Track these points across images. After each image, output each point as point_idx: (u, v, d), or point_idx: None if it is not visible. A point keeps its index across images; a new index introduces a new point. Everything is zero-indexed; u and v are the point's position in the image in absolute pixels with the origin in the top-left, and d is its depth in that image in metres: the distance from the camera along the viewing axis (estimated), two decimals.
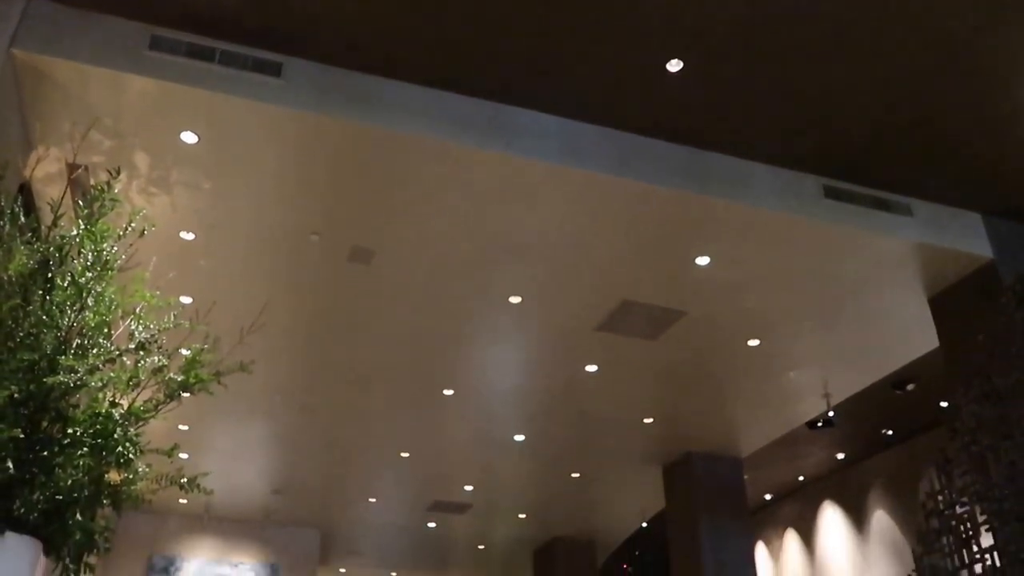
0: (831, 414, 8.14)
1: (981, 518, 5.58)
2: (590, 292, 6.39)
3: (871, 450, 11.19)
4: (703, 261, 5.92)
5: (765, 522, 13.04)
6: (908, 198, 5.83)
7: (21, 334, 2.98)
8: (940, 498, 6.02)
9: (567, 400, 8.22)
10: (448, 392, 7.98)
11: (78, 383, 2.93)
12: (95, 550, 3.08)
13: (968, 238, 5.95)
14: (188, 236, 5.66)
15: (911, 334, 6.74)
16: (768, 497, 12.96)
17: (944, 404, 8.26)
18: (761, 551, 12.94)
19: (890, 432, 10.64)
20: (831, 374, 7.63)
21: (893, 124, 5.31)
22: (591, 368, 7.48)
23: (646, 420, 8.61)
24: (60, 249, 3.20)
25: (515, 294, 6.37)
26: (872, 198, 5.74)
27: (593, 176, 5.19)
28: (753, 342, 7.02)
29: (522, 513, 11.81)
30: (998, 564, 5.35)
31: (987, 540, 5.53)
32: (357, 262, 5.94)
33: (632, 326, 6.77)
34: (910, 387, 8.54)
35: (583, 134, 5.26)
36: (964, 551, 5.69)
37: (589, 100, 5.16)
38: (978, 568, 5.53)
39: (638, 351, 7.16)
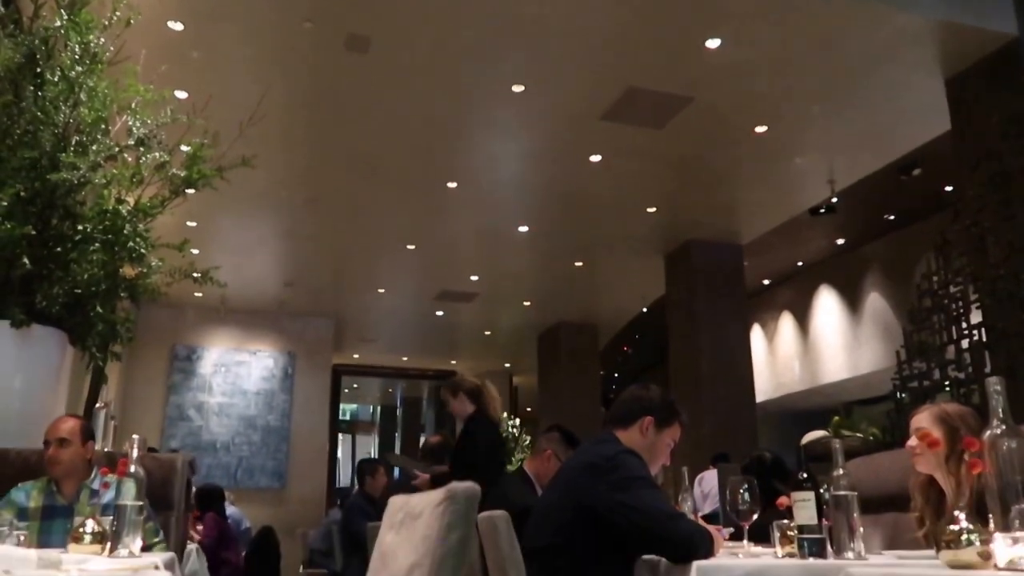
0: (834, 200, 8.16)
1: (973, 297, 5.77)
2: (595, 79, 6.18)
3: (871, 235, 11.35)
4: (713, 44, 5.67)
5: (761, 306, 13.51)
6: None
7: (18, 132, 2.96)
8: (935, 278, 6.21)
9: (571, 191, 8.22)
10: (452, 185, 7.98)
11: (82, 180, 2.95)
12: (118, 339, 3.25)
13: (993, 15, 5.64)
14: (177, 26, 5.41)
15: (922, 117, 6.59)
16: (766, 282, 13.32)
17: (949, 189, 8.26)
18: (757, 333, 13.51)
19: (892, 217, 10.75)
20: (837, 159, 7.55)
21: None
22: (595, 158, 7.41)
23: (649, 209, 8.66)
24: (46, 42, 3.10)
25: (518, 83, 6.17)
26: None
27: None
28: (760, 128, 6.89)
29: (526, 301, 12.20)
30: (984, 339, 5.60)
31: (976, 318, 5.76)
32: (354, 50, 5.72)
33: (638, 114, 6.62)
34: (916, 172, 8.51)
35: None
36: (953, 328, 5.95)
37: None
38: (965, 343, 5.80)
39: (643, 140, 7.06)
